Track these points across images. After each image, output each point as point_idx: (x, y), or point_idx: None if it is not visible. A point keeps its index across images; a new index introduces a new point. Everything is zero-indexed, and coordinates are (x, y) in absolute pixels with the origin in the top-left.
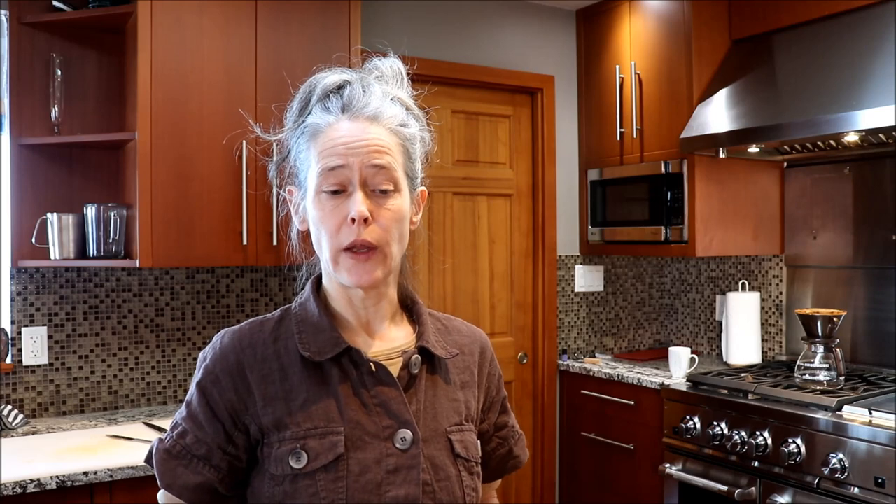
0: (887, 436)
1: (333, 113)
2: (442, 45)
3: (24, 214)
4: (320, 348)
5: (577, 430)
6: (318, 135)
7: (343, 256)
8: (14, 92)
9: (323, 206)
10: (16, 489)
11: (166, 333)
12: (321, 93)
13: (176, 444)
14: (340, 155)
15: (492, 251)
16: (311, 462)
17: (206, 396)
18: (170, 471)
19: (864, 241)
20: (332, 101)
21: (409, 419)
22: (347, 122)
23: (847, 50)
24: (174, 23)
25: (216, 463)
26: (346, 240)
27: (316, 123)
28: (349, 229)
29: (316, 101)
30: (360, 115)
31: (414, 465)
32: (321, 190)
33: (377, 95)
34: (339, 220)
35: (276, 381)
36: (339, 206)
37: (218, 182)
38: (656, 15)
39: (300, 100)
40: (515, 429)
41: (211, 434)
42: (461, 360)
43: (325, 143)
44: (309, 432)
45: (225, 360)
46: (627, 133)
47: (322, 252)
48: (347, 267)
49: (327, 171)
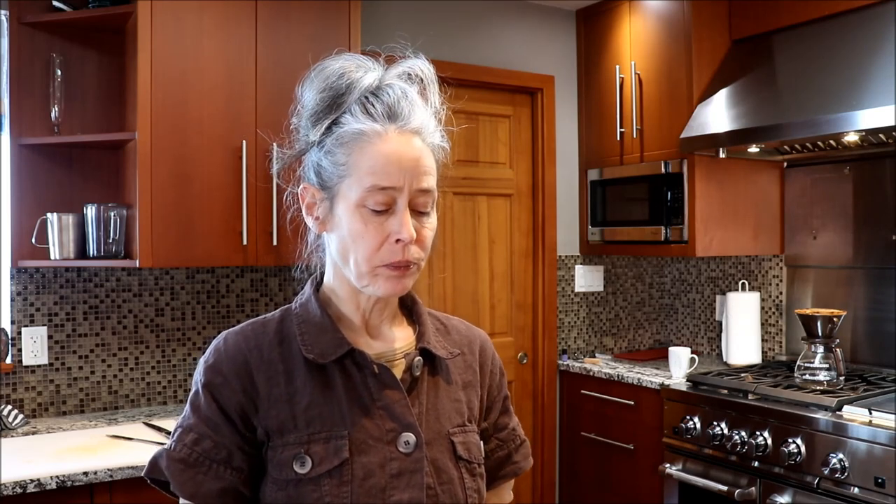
0: (887, 436)
1: (378, 121)
2: (442, 45)
3: (24, 214)
4: (323, 350)
5: (577, 430)
6: (361, 142)
7: (384, 270)
8: (14, 92)
9: (365, 222)
10: (16, 489)
11: (166, 333)
12: (361, 92)
13: (192, 452)
14: (393, 175)
15: (492, 251)
16: (315, 467)
17: (216, 399)
18: (190, 480)
19: (864, 241)
20: (374, 104)
21: (412, 422)
22: (396, 135)
23: (847, 50)
24: (174, 23)
25: (238, 465)
26: (389, 258)
27: (360, 130)
28: (392, 248)
29: (354, 100)
30: (406, 127)
31: (418, 468)
32: (364, 205)
33: (418, 105)
34: (382, 238)
35: (280, 383)
36: (383, 224)
37: (218, 182)
38: (656, 15)
39: (328, 92)
40: (517, 433)
41: (229, 436)
42: (462, 359)
43: (375, 156)
44: (312, 437)
45: (232, 362)
46: (627, 133)
47: (353, 263)
48: (387, 279)
49: (377, 190)
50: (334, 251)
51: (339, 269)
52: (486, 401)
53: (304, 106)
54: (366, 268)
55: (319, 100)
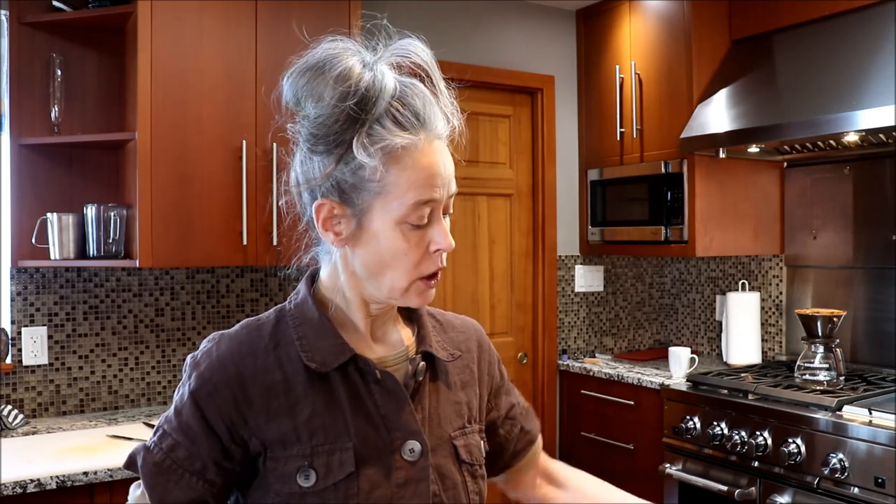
0: (887, 436)
1: (412, 131)
2: (442, 45)
3: (24, 214)
4: (325, 357)
5: (577, 430)
6: (399, 156)
7: (419, 283)
8: (14, 92)
9: (408, 238)
10: (16, 489)
11: (166, 333)
12: (387, 101)
13: (166, 458)
14: (436, 187)
15: (492, 251)
16: (320, 480)
17: (201, 408)
18: (160, 485)
19: (864, 241)
20: (402, 111)
21: (416, 429)
22: (429, 144)
23: (847, 50)
24: (174, 23)
25: (210, 478)
26: (429, 269)
27: (396, 144)
28: (431, 259)
29: (382, 111)
30: (434, 135)
31: (423, 477)
32: (407, 221)
33: (435, 106)
34: (423, 251)
35: (279, 393)
36: (422, 237)
37: (218, 182)
38: (656, 15)
39: (351, 101)
40: (521, 405)
41: (206, 448)
42: (460, 359)
43: (417, 170)
44: (316, 449)
45: (223, 370)
46: (627, 133)
47: (389, 279)
48: (419, 292)
49: (421, 205)
50: (359, 266)
51: (357, 279)
52: (490, 393)
53: (309, 113)
54: (405, 283)
55: (339, 111)
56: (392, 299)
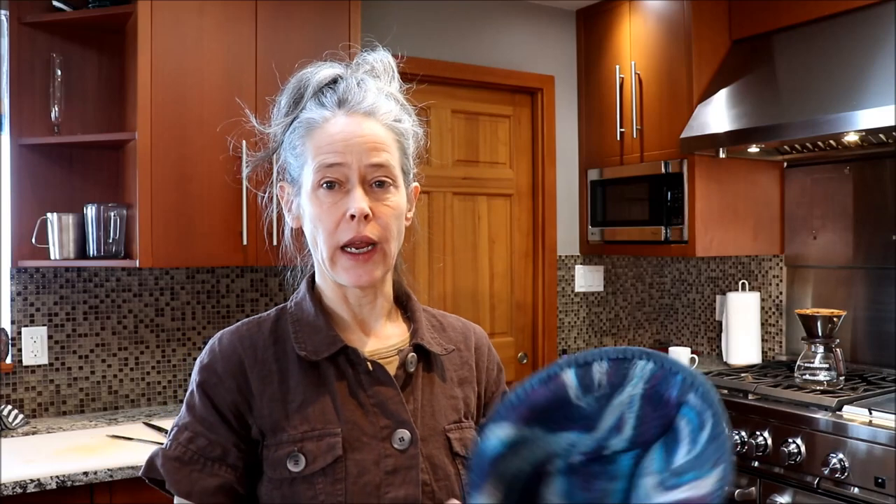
0: (887, 436)
1: (329, 108)
2: (442, 45)
3: (24, 214)
4: (316, 348)
5: None
6: (313, 130)
7: (341, 256)
8: (14, 92)
9: (321, 203)
10: (16, 489)
11: (166, 333)
12: (315, 87)
13: (187, 451)
14: (339, 152)
15: (492, 251)
16: (308, 465)
17: (210, 398)
18: (185, 478)
19: (864, 241)
20: (327, 95)
21: (406, 419)
22: (344, 117)
23: (847, 50)
24: (174, 23)
25: (233, 462)
26: (345, 236)
27: (311, 118)
28: (348, 226)
29: (310, 95)
30: (356, 110)
31: (413, 465)
32: (318, 186)
33: (372, 90)
34: (338, 217)
35: (274, 382)
36: (338, 203)
37: (218, 182)
38: (656, 15)
39: (291, 94)
40: None
41: (223, 434)
42: (458, 355)
43: (322, 138)
44: (306, 435)
45: (227, 361)
46: (627, 133)
47: (318, 250)
48: (346, 267)
49: (325, 168)
50: (309, 243)
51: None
52: (484, 397)
53: (274, 115)
54: (326, 253)
55: (284, 103)
56: (331, 275)
